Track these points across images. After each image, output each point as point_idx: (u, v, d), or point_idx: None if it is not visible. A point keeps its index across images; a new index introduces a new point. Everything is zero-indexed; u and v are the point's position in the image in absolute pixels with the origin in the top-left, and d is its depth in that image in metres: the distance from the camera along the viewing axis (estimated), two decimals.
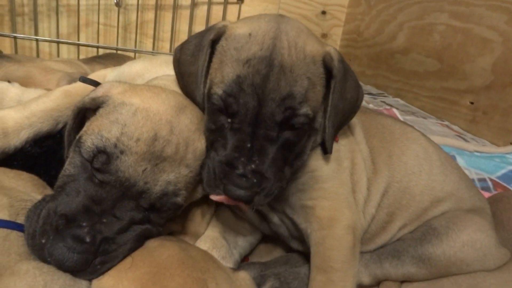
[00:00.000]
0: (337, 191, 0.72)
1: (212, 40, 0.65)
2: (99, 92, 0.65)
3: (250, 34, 0.62)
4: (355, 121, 0.82)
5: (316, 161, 0.72)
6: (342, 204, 0.72)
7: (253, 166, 0.58)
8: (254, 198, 0.58)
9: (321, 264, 0.70)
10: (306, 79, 0.61)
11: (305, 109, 0.60)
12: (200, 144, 0.64)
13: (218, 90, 0.60)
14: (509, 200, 0.89)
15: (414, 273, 0.75)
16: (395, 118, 1.00)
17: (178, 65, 0.72)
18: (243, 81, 0.58)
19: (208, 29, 0.69)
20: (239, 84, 0.59)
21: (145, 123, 0.58)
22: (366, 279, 0.79)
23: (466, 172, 1.01)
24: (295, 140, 0.62)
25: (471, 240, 0.74)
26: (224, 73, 0.60)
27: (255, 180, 0.57)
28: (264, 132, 0.59)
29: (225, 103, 0.60)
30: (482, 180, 1.17)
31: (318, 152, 0.73)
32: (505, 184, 1.16)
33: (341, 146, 0.76)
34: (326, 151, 0.70)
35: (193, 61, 0.68)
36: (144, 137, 0.57)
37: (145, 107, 0.60)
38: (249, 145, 0.59)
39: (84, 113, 0.66)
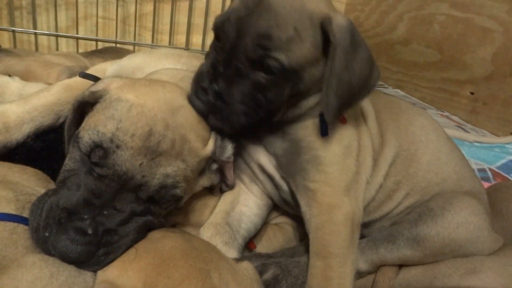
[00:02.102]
0: (340, 177, 0.73)
1: None
2: (99, 86, 0.66)
3: None
4: (366, 106, 0.82)
5: (320, 140, 0.72)
6: (343, 191, 0.72)
7: (215, 87, 0.63)
8: (209, 116, 0.66)
9: (319, 250, 0.71)
10: (292, 29, 0.60)
11: (279, 55, 0.61)
12: (196, 144, 0.65)
13: (216, 18, 0.65)
14: (508, 189, 0.90)
15: (409, 256, 0.76)
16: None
17: None
18: (232, 12, 0.62)
19: None
20: (228, 15, 0.63)
21: (139, 118, 0.59)
22: (363, 266, 0.80)
23: None
24: (267, 84, 0.64)
25: (465, 221, 0.74)
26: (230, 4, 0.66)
27: (212, 99, 0.64)
28: (236, 63, 0.63)
29: (216, 31, 0.65)
30: (482, 170, 1.18)
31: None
32: (504, 174, 1.17)
33: (348, 126, 0.75)
34: (324, 132, 0.69)
35: None
36: (139, 132, 0.58)
37: (140, 103, 0.60)
38: (221, 70, 0.64)
39: (84, 107, 0.67)
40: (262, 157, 0.79)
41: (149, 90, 0.64)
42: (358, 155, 0.76)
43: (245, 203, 0.84)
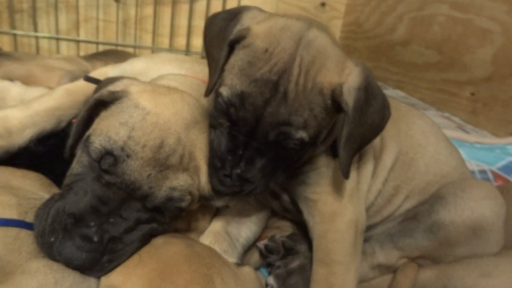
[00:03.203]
0: (342, 186, 0.73)
1: (232, 40, 0.64)
2: (118, 86, 0.65)
3: (266, 50, 0.61)
4: None
5: (324, 158, 0.73)
6: (345, 199, 0.73)
7: (238, 171, 0.62)
8: (233, 198, 0.67)
9: (323, 257, 0.71)
10: (308, 109, 0.60)
11: (300, 135, 0.61)
12: (201, 163, 0.64)
13: (224, 94, 0.62)
14: (509, 192, 0.90)
15: (427, 247, 0.77)
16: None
17: (205, 36, 0.71)
18: (246, 98, 0.60)
19: (234, 17, 0.66)
20: (242, 99, 0.60)
21: (153, 129, 0.59)
22: (382, 259, 0.80)
23: (467, 164, 1.01)
24: (287, 155, 0.65)
25: (479, 206, 0.73)
26: (232, 82, 0.62)
27: (237, 183, 0.63)
28: (256, 145, 0.62)
29: (227, 109, 0.62)
30: (483, 171, 1.18)
31: (327, 151, 0.74)
32: (505, 175, 1.17)
33: None
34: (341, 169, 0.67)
35: (215, 44, 0.67)
36: (150, 144, 0.58)
37: (157, 112, 0.60)
38: (240, 153, 0.62)
39: (96, 107, 0.66)
40: None
41: (168, 100, 0.63)
42: (359, 166, 0.77)
43: (245, 212, 0.84)
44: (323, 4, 2.52)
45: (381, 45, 2.18)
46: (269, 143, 0.62)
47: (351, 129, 0.62)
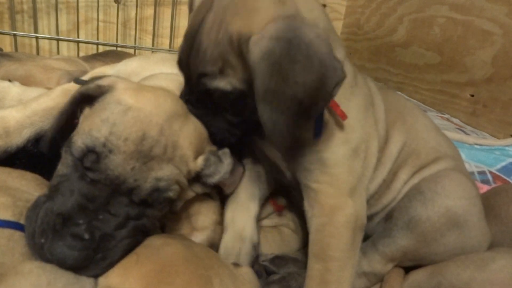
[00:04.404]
0: (345, 178, 0.71)
1: None
2: (105, 81, 0.65)
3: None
4: (378, 101, 0.81)
5: (326, 140, 0.70)
6: (347, 193, 0.70)
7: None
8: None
9: (319, 253, 0.69)
10: (221, 60, 0.62)
11: (217, 84, 0.64)
12: (188, 152, 0.64)
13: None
14: (507, 193, 0.89)
15: (406, 246, 0.76)
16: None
17: None
18: (179, 52, 0.69)
19: None
20: (179, 55, 0.69)
21: (134, 123, 0.59)
22: (367, 267, 0.79)
23: (466, 165, 1.01)
24: (223, 105, 0.68)
25: (455, 205, 0.74)
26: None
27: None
28: (194, 97, 0.70)
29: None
30: (482, 173, 1.18)
31: (328, 131, 0.70)
32: (504, 177, 1.17)
33: (358, 128, 0.73)
34: (317, 134, 0.68)
35: None
36: (132, 137, 0.58)
37: (138, 107, 0.60)
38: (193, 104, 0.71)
39: (81, 103, 0.66)
40: (267, 147, 0.79)
41: (151, 96, 0.63)
42: (365, 157, 0.74)
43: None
44: (323, 6, 2.52)
45: (381, 47, 2.17)
46: (202, 94, 0.67)
47: (265, 85, 0.56)
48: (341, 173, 0.71)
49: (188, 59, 0.65)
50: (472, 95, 1.57)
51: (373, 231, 0.83)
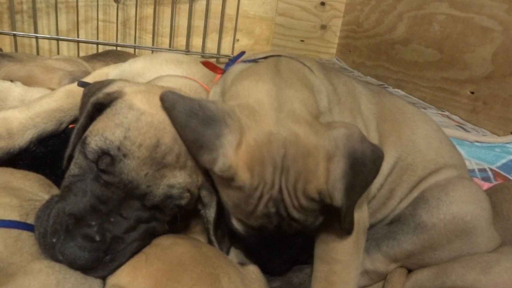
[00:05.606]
0: None
1: None
2: (112, 88, 0.65)
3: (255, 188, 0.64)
4: (367, 106, 0.81)
5: None
6: None
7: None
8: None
9: (324, 255, 0.71)
10: (310, 215, 0.63)
11: (310, 230, 0.66)
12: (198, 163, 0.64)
13: (236, 227, 0.69)
14: (509, 190, 0.90)
15: (410, 250, 0.77)
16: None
17: None
18: (256, 229, 0.66)
19: None
20: (252, 229, 0.67)
21: (148, 129, 0.59)
22: (370, 266, 0.80)
23: (467, 162, 1.02)
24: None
25: (461, 212, 0.74)
26: (237, 216, 0.68)
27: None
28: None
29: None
30: (483, 170, 1.18)
31: None
32: (505, 174, 1.17)
33: None
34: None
35: None
36: (146, 143, 0.58)
37: (151, 113, 0.60)
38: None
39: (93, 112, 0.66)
40: None
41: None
42: None
43: None
44: (322, 4, 2.52)
45: (381, 44, 2.18)
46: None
47: (347, 204, 0.61)
48: None
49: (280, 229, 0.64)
50: (472, 92, 1.58)
51: (376, 235, 0.84)
